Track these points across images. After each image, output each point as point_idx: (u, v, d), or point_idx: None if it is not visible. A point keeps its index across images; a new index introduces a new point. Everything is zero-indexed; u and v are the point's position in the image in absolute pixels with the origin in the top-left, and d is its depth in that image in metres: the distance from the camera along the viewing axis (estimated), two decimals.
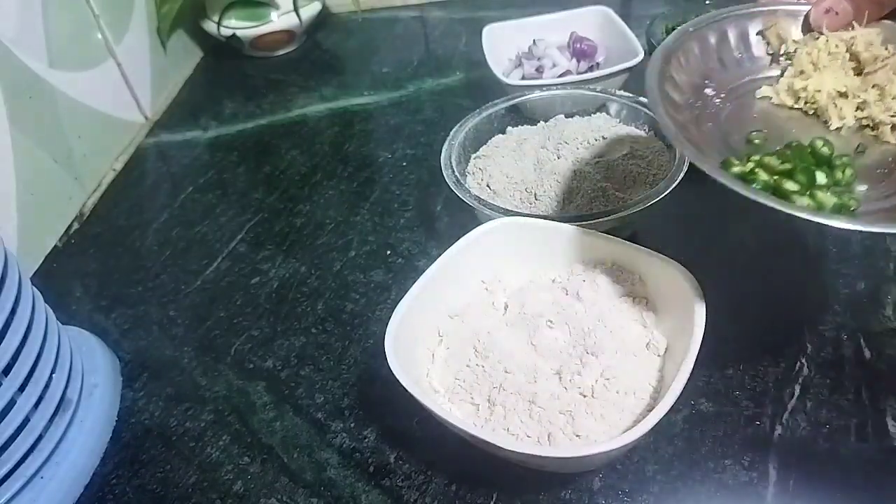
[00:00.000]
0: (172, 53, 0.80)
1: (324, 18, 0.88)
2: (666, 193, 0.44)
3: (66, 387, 0.40)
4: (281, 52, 0.85)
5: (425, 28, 0.86)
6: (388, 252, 0.53)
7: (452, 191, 0.47)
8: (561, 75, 0.63)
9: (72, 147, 0.62)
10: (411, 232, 0.55)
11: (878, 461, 0.36)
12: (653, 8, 0.68)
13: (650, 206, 0.44)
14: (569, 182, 0.47)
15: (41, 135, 0.58)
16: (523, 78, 0.64)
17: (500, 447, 0.32)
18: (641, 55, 0.60)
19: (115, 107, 0.70)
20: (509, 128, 0.54)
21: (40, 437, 0.38)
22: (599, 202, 0.46)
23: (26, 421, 0.37)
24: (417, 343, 0.40)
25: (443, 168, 0.48)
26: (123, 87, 0.71)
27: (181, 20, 0.80)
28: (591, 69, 0.64)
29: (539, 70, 0.64)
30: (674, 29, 0.63)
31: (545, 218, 0.43)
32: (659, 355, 0.38)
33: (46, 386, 0.39)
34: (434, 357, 0.40)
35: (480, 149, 0.53)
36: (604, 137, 0.50)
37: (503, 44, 0.67)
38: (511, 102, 0.54)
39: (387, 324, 0.37)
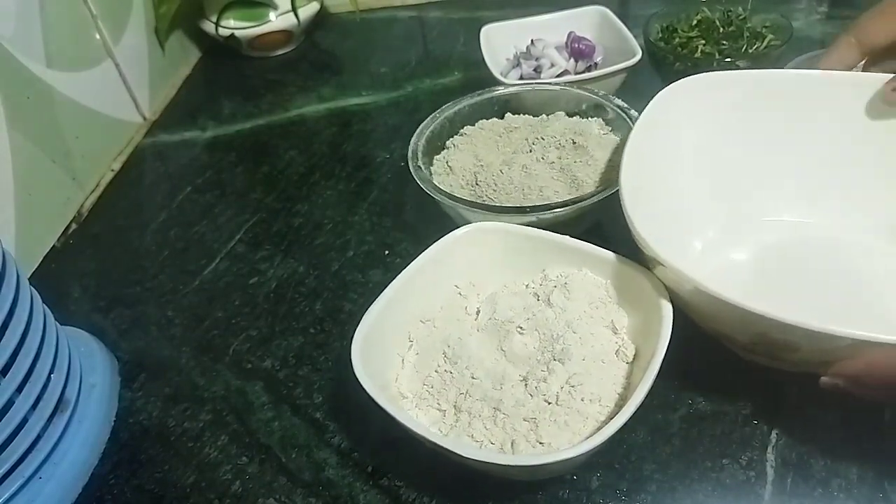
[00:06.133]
0: (170, 53, 0.80)
1: (322, 18, 0.88)
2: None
3: (65, 387, 0.40)
4: (279, 53, 0.85)
5: (423, 28, 0.86)
6: (386, 252, 0.53)
7: None
8: (559, 75, 0.63)
9: (70, 147, 0.62)
10: (409, 232, 0.55)
11: (875, 460, 0.36)
12: (650, 8, 0.68)
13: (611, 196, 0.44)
14: (531, 176, 0.48)
15: (39, 135, 0.58)
16: (521, 78, 0.64)
17: (458, 454, 0.32)
18: (639, 55, 0.60)
19: (114, 107, 0.70)
20: (501, 117, 0.55)
21: (38, 438, 0.38)
22: (560, 196, 0.47)
23: (24, 421, 0.37)
24: (388, 348, 0.40)
25: (411, 145, 0.50)
26: (121, 87, 0.71)
27: (179, 20, 0.80)
28: (588, 69, 0.64)
29: (537, 70, 0.64)
30: (669, 28, 0.64)
31: (502, 209, 0.44)
32: (628, 362, 0.38)
33: (45, 386, 0.39)
34: (404, 362, 0.40)
35: (464, 127, 0.54)
36: (575, 141, 0.50)
37: (501, 44, 0.67)
38: (499, 93, 0.56)
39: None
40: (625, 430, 0.39)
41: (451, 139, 0.54)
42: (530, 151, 0.51)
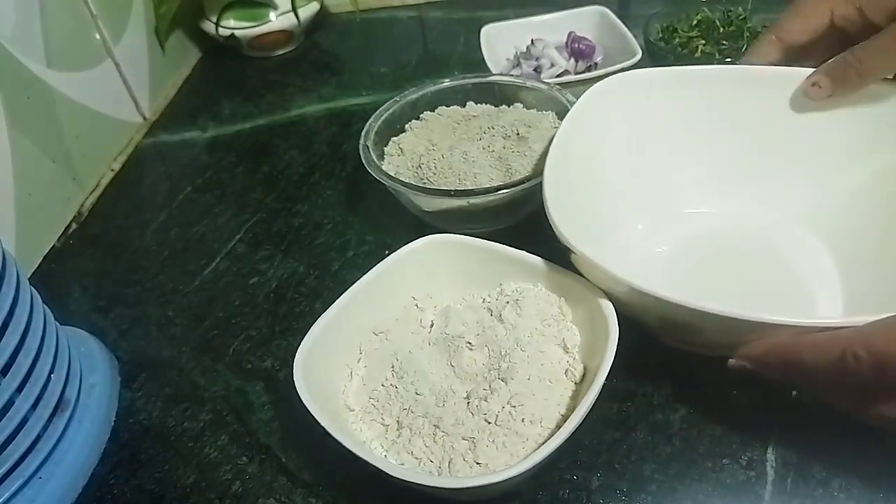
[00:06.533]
0: (171, 54, 0.80)
1: (322, 18, 0.88)
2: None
3: (65, 387, 0.40)
4: (279, 53, 0.85)
5: (423, 28, 0.86)
6: (387, 252, 0.53)
7: None
8: (559, 75, 0.63)
9: (70, 147, 0.62)
10: (409, 232, 0.55)
11: (877, 460, 0.36)
12: (650, 8, 0.68)
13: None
14: (469, 162, 0.49)
15: (39, 135, 0.58)
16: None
17: (383, 471, 0.32)
18: (639, 55, 0.60)
19: (114, 107, 0.70)
20: (463, 105, 0.57)
21: (38, 437, 0.38)
22: (492, 183, 0.48)
23: (24, 421, 0.37)
24: (337, 359, 0.40)
25: (366, 125, 0.53)
26: (122, 87, 0.71)
27: (179, 20, 0.80)
28: (588, 69, 0.64)
29: (537, 70, 0.64)
30: (669, 28, 0.64)
31: (433, 191, 0.47)
32: (576, 383, 0.37)
33: (45, 386, 0.39)
34: (352, 374, 0.40)
35: (424, 112, 0.56)
36: (519, 133, 0.51)
37: (501, 44, 0.67)
38: (462, 82, 0.57)
39: None
40: (625, 429, 0.39)
41: (409, 123, 0.55)
42: (480, 139, 0.52)
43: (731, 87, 0.46)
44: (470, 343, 0.40)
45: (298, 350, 0.37)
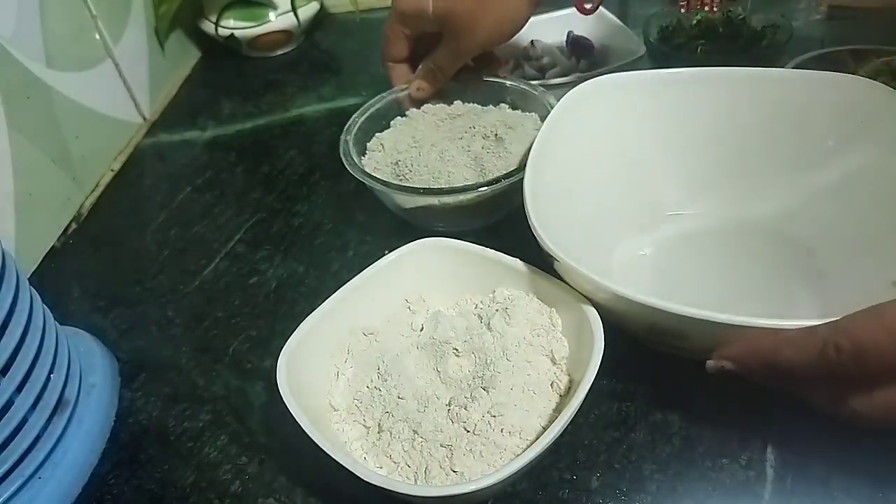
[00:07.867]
0: (170, 54, 0.80)
1: (322, 18, 0.88)
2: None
3: (64, 387, 0.40)
4: (279, 53, 0.85)
5: None
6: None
7: None
8: (559, 75, 0.63)
9: (70, 147, 0.62)
10: (409, 232, 0.55)
11: (876, 459, 0.36)
12: (650, 8, 0.68)
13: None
14: (444, 161, 0.50)
15: (39, 135, 0.58)
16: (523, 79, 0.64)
17: (353, 474, 0.32)
18: (639, 54, 0.60)
19: (113, 107, 0.70)
20: (457, 102, 0.57)
21: (38, 438, 0.38)
22: (467, 182, 0.48)
23: (24, 421, 0.37)
24: (324, 359, 0.40)
25: (350, 120, 0.54)
26: (121, 87, 0.71)
27: (179, 20, 0.80)
28: (589, 69, 0.64)
29: (538, 70, 0.64)
30: (669, 28, 0.64)
31: (400, 188, 0.47)
32: (561, 395, 0.37)
33: (44, 386, 0.39)
34: (339, 374, 0.40)
35: (410, 109, 0.56)
36: (497, 134, 0.51)
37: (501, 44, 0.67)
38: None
39: None
40: (625, 429, 0.39)
41: (395, 119, 0.56)
42: (461, 139, 0.52)
43: (709, 89, 0.47)
44: (457, 349, 0.39)
45: (283, 349, 0.37)
